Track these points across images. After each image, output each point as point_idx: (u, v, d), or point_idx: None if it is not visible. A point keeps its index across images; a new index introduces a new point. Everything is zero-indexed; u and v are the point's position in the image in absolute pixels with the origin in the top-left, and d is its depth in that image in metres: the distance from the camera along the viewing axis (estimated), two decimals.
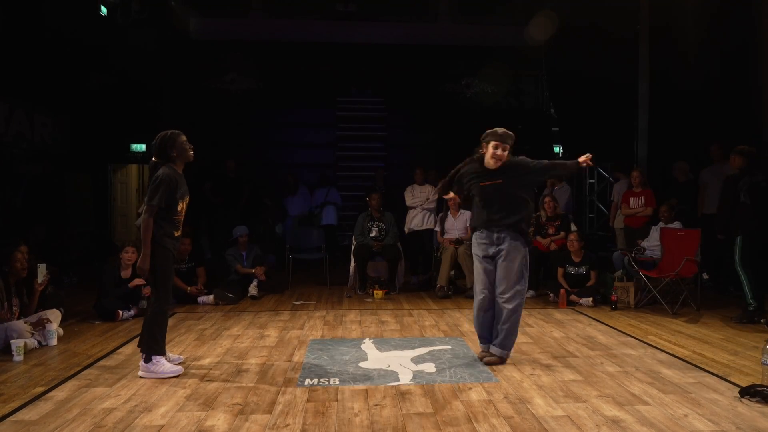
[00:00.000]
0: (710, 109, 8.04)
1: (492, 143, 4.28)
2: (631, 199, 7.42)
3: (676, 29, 8.44)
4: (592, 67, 9.69)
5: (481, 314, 4.36)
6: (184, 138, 4.14)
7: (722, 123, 7.90)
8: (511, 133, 4.33)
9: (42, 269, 5.07)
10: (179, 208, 4.06)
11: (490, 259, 4.31)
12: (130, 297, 5.98)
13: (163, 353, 4.07)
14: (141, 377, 3.96)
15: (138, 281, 5.86)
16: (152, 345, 4.02)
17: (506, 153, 4.29)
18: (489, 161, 4.30)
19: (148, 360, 3.99)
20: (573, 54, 10.29)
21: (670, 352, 4.59)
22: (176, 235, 4.10)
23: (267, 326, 5.56)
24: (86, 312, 5.99)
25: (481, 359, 4.35)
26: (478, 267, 4.37)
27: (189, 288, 6.64)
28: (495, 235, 4.27)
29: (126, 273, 6.00)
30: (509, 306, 4.20)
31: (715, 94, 8.07)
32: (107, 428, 3.11)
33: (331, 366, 4.23)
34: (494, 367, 4.20)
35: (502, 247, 4.24)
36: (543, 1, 10.60)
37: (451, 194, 4.56)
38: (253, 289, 7.03)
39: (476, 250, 4.38)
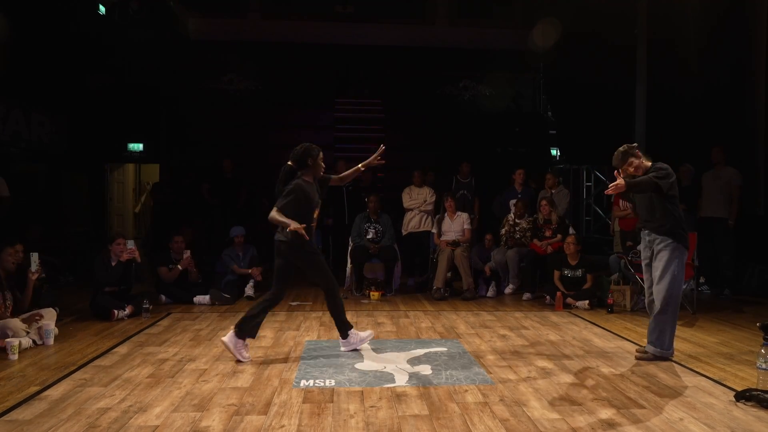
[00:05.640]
0: (706, 114, 8.08)
1: None
2: (621, 201, 7.42)
3: (673, 35, 8.49)
4: (589, 71, 9.73)
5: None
6: (321, 155, 4.47)
7: (718, 127, 7.95)
8: (619, 152, 4.59)
9: (35, 258, 5.05)
10: (315, 215, 4.47)
11: (648, 261, 4.59)
12: (125, 296, 5.98)
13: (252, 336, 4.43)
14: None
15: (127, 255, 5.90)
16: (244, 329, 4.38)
17: (633, 169, 4.51)
18: None
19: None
20: (571, 58, 10.33)
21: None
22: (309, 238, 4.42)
23: (263, 327, 5.50)
24: (82, 311, 5.98)
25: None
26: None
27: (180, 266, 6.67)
28: (647, 237, 4.57)
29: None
30: (658, 305, 4.41)
31: (710, 99, 8.12)
32: (102, 428, 3.10)
33: (327, 367, 4.22)
34: (490, 369, 4.20)
35: (654, 248, 4.50)
36: (541, 4, 10.63)
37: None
38: (249, 290, 7.03)
39: (642, 254, 4.73)
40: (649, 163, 4.55)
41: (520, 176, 8.34)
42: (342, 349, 4.65)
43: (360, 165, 4.74)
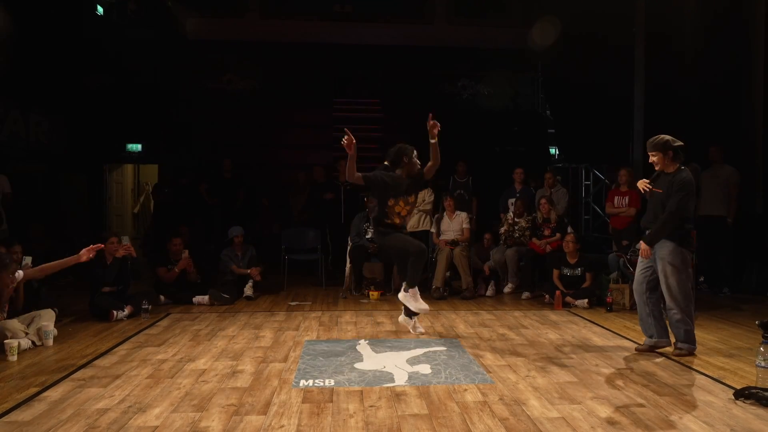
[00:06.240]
0: (704, 113, 8.09)
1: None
2: (616, 198, 7.41)
3: (671, 34, 8.50)
4: (588, 70, 9.72)
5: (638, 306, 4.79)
6: (416, 153, 4.98)
7: (716, 126, 7.96)
8: (659, 139, 4.49)
9: (27, 262, 5.05)
10: (390, 203, 4.87)
11: (649, 260, 4.61)
12: (124, 296, 5.97)
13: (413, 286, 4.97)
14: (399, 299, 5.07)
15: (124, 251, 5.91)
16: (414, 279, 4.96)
17: (657, 159, 4.51)
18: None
19: (407, 290, 4.95)
20: (569, 57, 10.32)
21: (665, 353, 4.61)
22: (386, 222, 4.91)
23: (262, 327, 5.55)
24: (81, 312, 5.97)
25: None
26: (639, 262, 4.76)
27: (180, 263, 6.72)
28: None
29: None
30: (673, 307, 4.47)
31: (709, 97, 8.13)
32: (101, 429, 3.09)
33: (326, 367, 4.22)
34: (489, 368, 4.20)
35: (656, 250, 4.52)
36: (539, 3, 10.62)
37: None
38: (248, 290, 7.02)
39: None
40: (674, 168, 4.51)
41: (519, 175, 8.35)
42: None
43: (431, 140, 5.00)
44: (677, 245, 4.45)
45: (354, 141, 4.72)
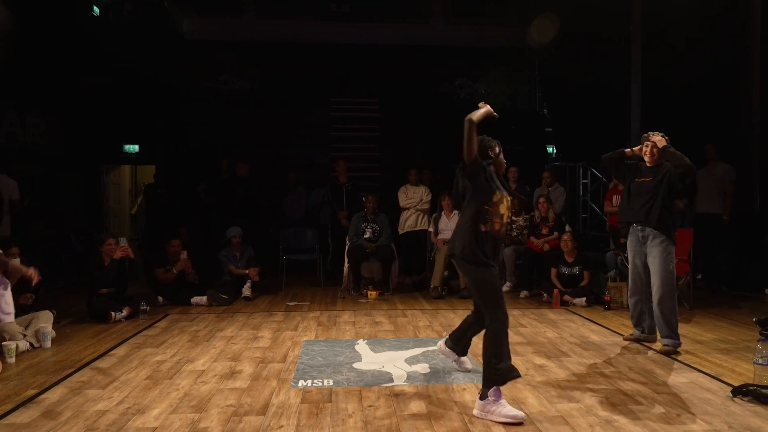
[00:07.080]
0: (701, 110, 8.10)
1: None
2: (614, 197, 7.44)
3: (667, 32, 8.51)
4: (585, 69, 9.73)
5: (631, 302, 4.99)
6: (499, 149, 4.11)
7: (714, 123, 7.97)
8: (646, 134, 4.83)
9: (15, 262, 5.04)
10: (495, 199, 3.67)
11: (641, 255, 4.77)
12: (122, 297, 5.96)
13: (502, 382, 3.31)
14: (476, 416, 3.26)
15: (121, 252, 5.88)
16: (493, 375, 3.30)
17: (658, 146, 4.70)
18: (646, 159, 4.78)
19: (484, 396, 3.26)
20: (566, 56, 10.33)
21: (663, 351, 4.61)
22: (483, 229, 3.58)
23: (261, 327, 5.55)
24: (79, 313, 5.97)
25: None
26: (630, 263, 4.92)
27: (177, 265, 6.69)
28: (640, 233, 4.72)
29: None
30: (657, 300, 4.61)
31: (705, 95, 8.14)
32: (100, 431, 3.09)
33: (325, 367, 4.22)
34: None
35: (647, 244, 4.67)
36: (537, 2, 10.63)
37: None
38: (246, 290, 7.02)
39: (629, 247, 4.88)
40: (658, 164, 4.72)
41: (513, 174, 8.37)
42: (453, 363, 4.13)
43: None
44: (668, 240, 4.59)
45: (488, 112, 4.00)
